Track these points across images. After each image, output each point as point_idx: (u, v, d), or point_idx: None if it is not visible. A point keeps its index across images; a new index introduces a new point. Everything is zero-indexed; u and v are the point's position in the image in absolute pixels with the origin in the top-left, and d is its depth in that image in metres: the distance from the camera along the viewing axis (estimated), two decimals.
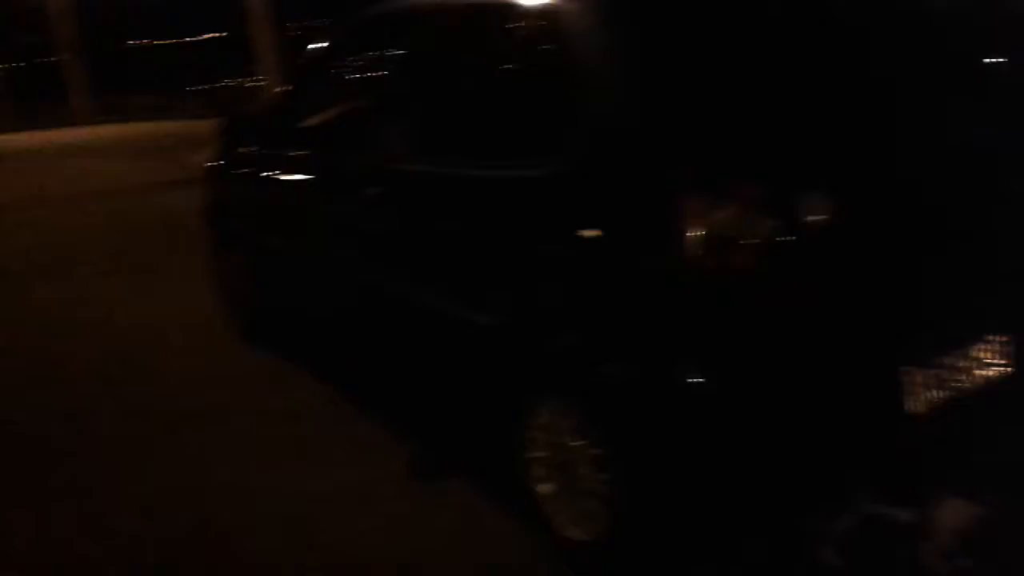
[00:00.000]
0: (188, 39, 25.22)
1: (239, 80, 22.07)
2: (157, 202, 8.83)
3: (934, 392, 2.34)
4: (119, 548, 2.87)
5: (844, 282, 2.27)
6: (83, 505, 3.16)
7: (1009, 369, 2.47)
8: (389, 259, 3.27)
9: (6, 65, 20.89)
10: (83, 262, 6.81)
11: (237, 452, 3.46)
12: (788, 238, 2.15)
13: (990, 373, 2.45)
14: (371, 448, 3.38)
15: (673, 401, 2.22)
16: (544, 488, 2.69)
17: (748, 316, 2.18)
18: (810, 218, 2.16)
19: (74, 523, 3.05)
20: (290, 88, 4.12)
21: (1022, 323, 2.50)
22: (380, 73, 4.23)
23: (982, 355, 2.43)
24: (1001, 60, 2.86)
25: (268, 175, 4.08)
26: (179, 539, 2.90)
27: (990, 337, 2.45)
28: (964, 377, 2.40)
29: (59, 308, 5.65)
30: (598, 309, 2.39)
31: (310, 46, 4.04)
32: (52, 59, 24.41)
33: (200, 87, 22.80)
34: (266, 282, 4.35)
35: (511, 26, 2.81)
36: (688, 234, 2.14)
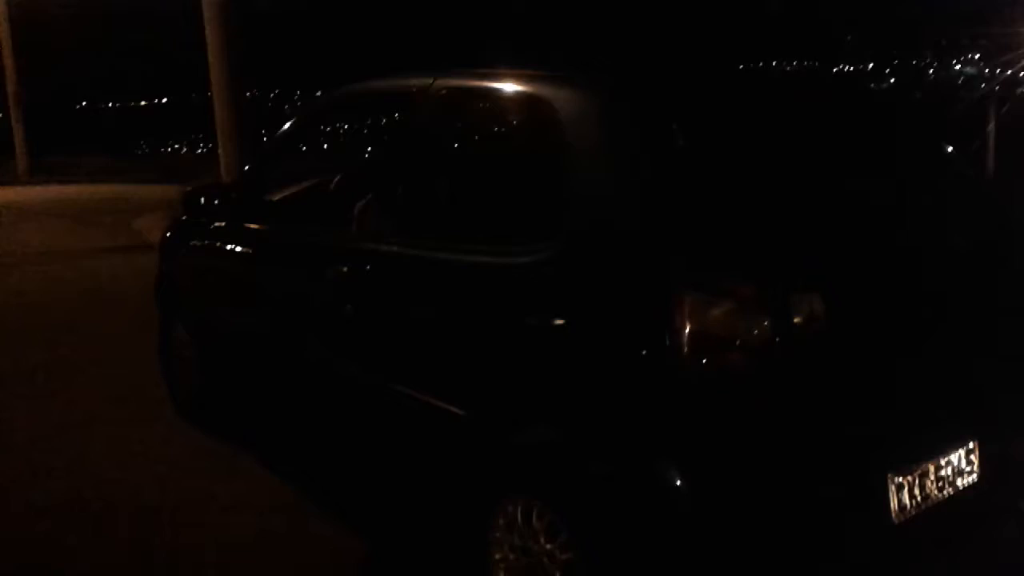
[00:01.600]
0: (140, 103, 24.96)
1: (185, 146, 21.94)
2: (92, 268, 8.48)
3: (917, 498, 2.31)
4: None
5: (833, 385, 2.24)
6: None
7: (978, 475, 2.46)
8: (352, 341, 3.14)
9: None
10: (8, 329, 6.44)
11: (175, 547, 3.19)
12: (781, 339, 2.11)
13: (963, 479, 2.43)
14: (316, 541, 3.18)
15: (654, 505, 2.14)
16: None
17: (737, 417, 2.12)
18: (803, 320, 2.13)
19: None
20: (257, 162, 4.04)
21: (990, 430, 2.50)
22: (356, 151, 4.19)
23: (955, 461, 2.41)
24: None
25: (230, 248, 3.95)
26: None
27: (961, 443, 2.43)
28: (940, 483, 2.37)
29: None
30: (578, 404, 2.30)
31: (286, 122, 3.95)
32: None
33: (148, 151, 22.57)
34: (217, 359, 4.18)
35: (503, 111, 2.79)
36: (680, 330, 2.08)
